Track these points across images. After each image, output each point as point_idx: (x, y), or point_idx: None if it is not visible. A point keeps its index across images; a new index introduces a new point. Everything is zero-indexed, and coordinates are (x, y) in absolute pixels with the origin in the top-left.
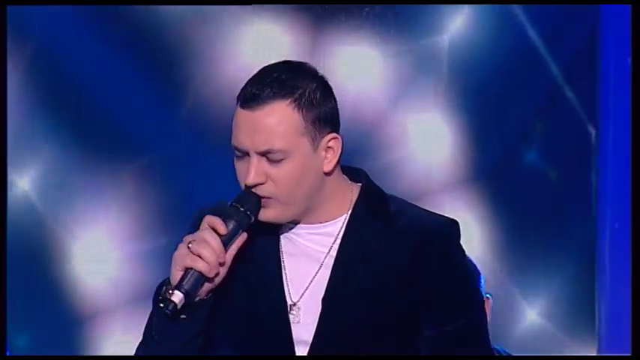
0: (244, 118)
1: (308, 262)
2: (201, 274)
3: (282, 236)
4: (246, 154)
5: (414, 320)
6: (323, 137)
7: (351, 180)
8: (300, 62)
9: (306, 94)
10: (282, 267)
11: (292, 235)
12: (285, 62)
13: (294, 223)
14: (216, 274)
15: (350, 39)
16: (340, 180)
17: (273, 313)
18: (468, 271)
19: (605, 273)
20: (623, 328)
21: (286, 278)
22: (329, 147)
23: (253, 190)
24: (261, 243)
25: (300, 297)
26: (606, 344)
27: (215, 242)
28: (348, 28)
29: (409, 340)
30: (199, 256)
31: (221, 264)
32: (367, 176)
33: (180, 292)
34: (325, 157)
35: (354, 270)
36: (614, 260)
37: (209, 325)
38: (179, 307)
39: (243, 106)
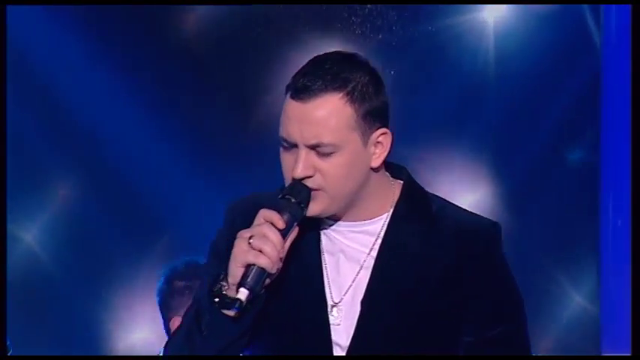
0: (295, 109)
1: (348, 261)
2: (263, 269)
3: (322, 234)
4: (295, 146)
5: (454, 324)
6: (373, 132)
7: (392, 177)
8: (353, 53)
9: (359, 87)
10: (324, 266)
11: (332, 233)
12: (337, 53)
13: (334, 220)
14: (277, 270)
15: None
16: (384, 176)
17: (313, 313)
18: (509, 275)
19: (608, 272)
20: (624, 328)
21: (327, 278)
22: (378, 142)
23: (300, 181)
24: (302, 240)
25: (342, 298)
26: (608, 344)
27: (276, 237)
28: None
29: (449, 344)
30: (261, 252)
31: (281, 258)
32: (409, 174)
33: (246, 288)
34: (374, 153)
35: (395, 272)
36: (616, 259)
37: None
38: (244, 304)
39: (294, 97)
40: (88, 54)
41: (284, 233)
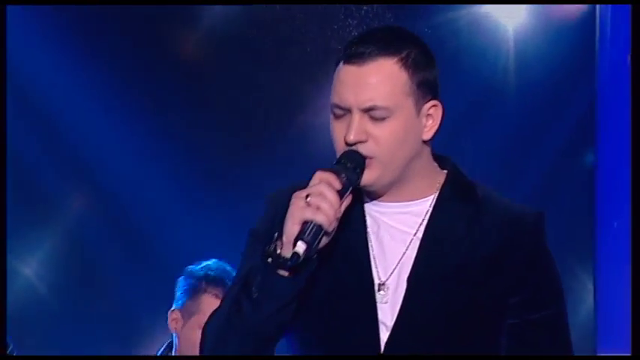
0: (349, 73)
1: (394, 241)
2: (320, 227)
3: (366, 214)
4: (348, 111)
5: (498, 307)
6: (425, 103)
7: (439, 166)
8: (401, 27)
9: (412, 55)
10: (370, 245)
11: (377, 214)
12: (386, 26)
13: (379, 200)
14: (333, 230)
15: None
16: (431, 159)
17: (359, 292)
18: (553, 262)
19: (604, 272)
20: (622, 328)
21: (373, 258)
22: (429, 114)
23: (354, 148)
24: (347, 220)
25: (388, 277)
26: (605, 344)
27: (333, 195)
28: None
29: (491, 326)
30: (318, 209)
31: (337, 219)
32: (454, 163)
33: (304, 241)
34: (425, 125)
35: (442, 252)
36: (613, 260)
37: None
38: (301, 258)
39: (348, 62)
40: (89, 81)
41: (340, 194)
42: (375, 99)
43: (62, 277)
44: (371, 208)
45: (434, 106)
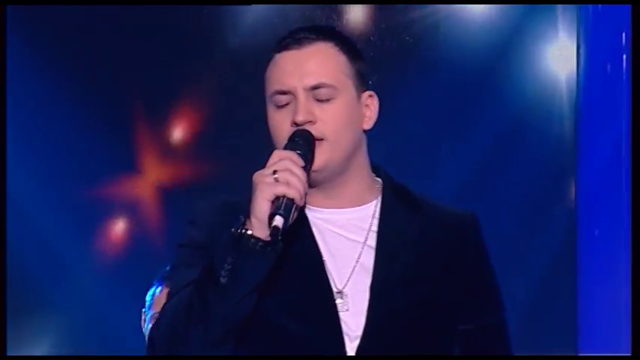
0: (289, 58)
1: (343, 248)
2: (292, 201)
3: (311, 222)
4: (292, 95)
5: (453, 309)
6: (363, 91)
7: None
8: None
9: (347, 44)
10: (321, 253)
11: (319, 222)
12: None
13: (320, 207)
14: (303, 206)
15: None
16: (368, 161)
17: (319, 299)
18: (491, 262)
19: (586, 278)
20: (609, 329)
21: (326, 265)
22: (367, 105)
23: (303, 127)
24: (294, 232)
25: (345, 284)
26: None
27: (299, 170)
28: None
29: (449, 330)
30: (288, 184)
31: (306, 194)
32: (385, 170)
33: (281, 216)
34: (364, 115)
35: (398, 258)
36: (594, 266)
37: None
38: (281, 233)
39: (286, 49)
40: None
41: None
42: (321, 77)
43: None
44: (314, 216)
45: (370, 96)
